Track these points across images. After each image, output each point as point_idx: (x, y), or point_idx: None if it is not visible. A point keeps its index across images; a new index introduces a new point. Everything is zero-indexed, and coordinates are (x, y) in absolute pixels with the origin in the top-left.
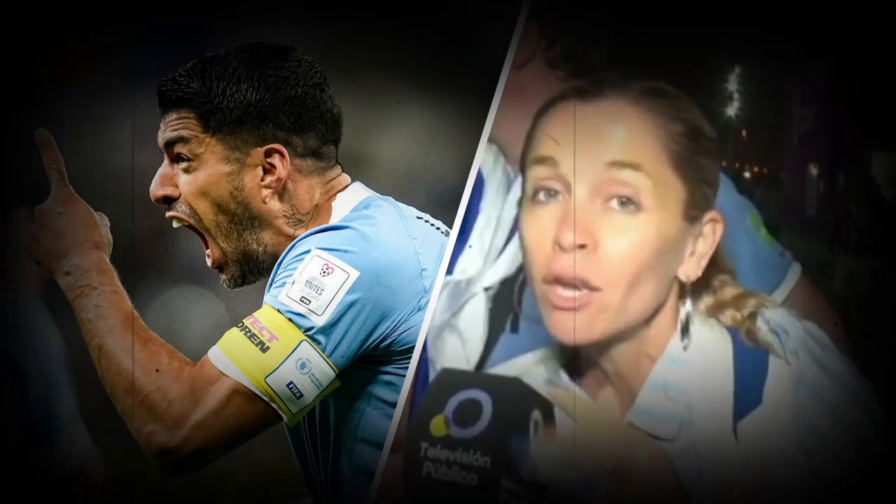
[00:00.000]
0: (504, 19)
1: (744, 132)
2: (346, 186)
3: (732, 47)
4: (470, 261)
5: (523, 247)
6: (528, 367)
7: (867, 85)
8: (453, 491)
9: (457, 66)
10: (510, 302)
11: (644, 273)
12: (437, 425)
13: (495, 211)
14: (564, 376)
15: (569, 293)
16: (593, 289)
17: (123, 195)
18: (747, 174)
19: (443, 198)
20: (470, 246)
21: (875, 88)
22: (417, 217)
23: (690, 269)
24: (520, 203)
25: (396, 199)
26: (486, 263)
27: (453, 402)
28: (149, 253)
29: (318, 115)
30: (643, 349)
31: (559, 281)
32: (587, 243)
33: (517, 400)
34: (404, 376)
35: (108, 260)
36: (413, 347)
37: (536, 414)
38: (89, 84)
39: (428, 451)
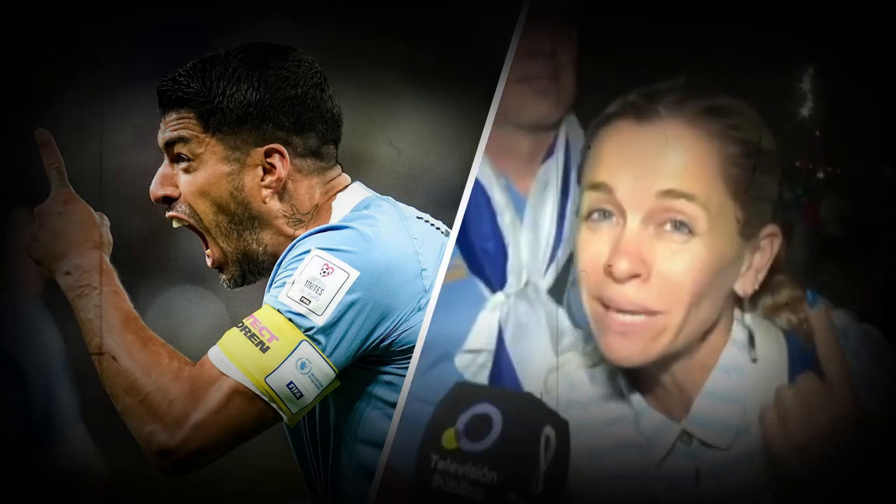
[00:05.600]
0: (504, 19)
1: (817, 133)
2: (346, 186)
3: (804, 49)
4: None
5: (577, 264)
6: (578, 358)
7: None
8: None
9: (457, 66)
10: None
11: (703, 293)
12: (449, 438)
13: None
14: (623, 384)
15: (626, 318)
16: (653, 313)
17: (123, 195)
18: (821, 174)
19: (443, 198)
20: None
21: None
22: (417, 217)
23: (748, 283)
24: (577, 214)
25: (396, 199)
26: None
27: (465, 416)
28: (149, 253)
29: (318, 115)
30: (699, 359)
31: (615, 306)
32: (641, 272)
33: (529, 415)
34: (404, 376)
35: (108, 260)
36: (413, 347)
37: (549, 430)
38: (89, 84)
39: (438, 463)
